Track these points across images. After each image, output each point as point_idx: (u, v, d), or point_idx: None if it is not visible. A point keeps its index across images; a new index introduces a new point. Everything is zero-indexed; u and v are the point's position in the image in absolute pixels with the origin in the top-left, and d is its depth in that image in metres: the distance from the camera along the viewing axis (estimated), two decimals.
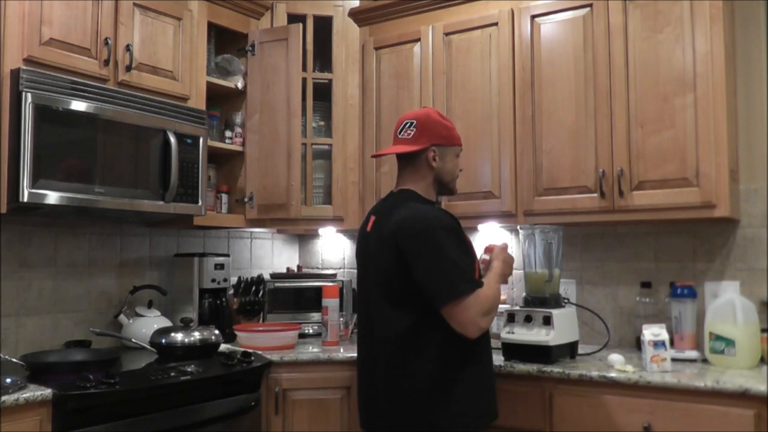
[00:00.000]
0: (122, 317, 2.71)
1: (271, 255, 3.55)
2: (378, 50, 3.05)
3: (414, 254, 1.86)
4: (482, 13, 2.77)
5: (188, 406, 2.19)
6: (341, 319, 2.89)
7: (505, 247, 2.09)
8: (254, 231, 3.43)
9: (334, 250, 3.54)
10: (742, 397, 1.90)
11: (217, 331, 2.60)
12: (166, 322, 2.73)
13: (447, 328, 1.85)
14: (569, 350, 2.36)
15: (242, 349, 2.53)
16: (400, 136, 2.05)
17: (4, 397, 1.78)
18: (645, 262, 2.67)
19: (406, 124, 2.04)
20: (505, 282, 2.05)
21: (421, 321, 1.88)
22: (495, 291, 1.92)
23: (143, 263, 2.92)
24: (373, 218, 2.05)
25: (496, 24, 2.71)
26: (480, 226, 2.93)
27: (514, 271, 2.91)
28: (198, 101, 2.76)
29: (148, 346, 2.50)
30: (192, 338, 2.49)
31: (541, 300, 2.38)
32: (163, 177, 2.50)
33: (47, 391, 1.87)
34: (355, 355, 2.54)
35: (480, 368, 1.95)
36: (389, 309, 1.92)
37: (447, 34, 2.85)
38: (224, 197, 3.07)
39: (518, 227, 2.55)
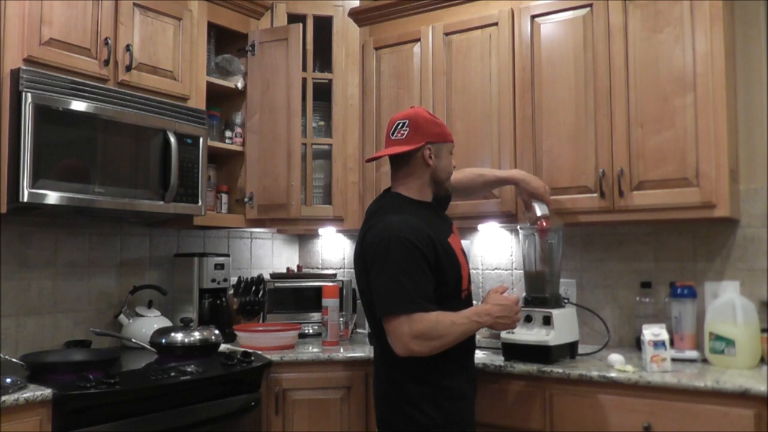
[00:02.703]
0: (122, 317, 2.71)
1: (271, 255, 3.55)
2: (378, 50, 3.05)
3: (369, 265, 1.88)
4: (482, 13, 2.77)
5: (188, 406, 2.19)
6: (341, 319, 2.89)
7: (500, 290, 2.05)
8: (254, 231, 3.43)
9: (334, 250, 3.54)
10: (742, 397, 1.90)
11: (217, 331, 2.60)
12: (166, 322, 2.73)
13: None
14: (569, 350, 2.36)
15: (242, 349, 2.53)
16: (393, 138, 2.03)
17: (4, 397, 1.78)
18: (645, 262, 2.67)
19: (399, 124, 2.02)
20: (491, 326, 1.98)
21: None
22: (453, 323, 1.84)
23: (143, 263, 2.92)
24: (365, 218, 2.08)
25: (496, 24, 2.71)
26: (480, 226, 2.93)
27: (513, 271, 2.96)
28: (198, 101, 2.76)
29: (148, 346, 2.50)
30: (192, 338, 2.49)
31: (541, 300, 2.38)
32: (163, 177, 2.50)
33: (47, 391, 1.87)
34: (355, 354, 2.57)
35: (452, 383, 1.92)
36: (373, 310, 1.94)
37: (447, 34, 2.85)
38: (224, 197, 3.07)
39: (518, 227, 2.55)
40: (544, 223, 2.37)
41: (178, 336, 2.49)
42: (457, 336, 1.86)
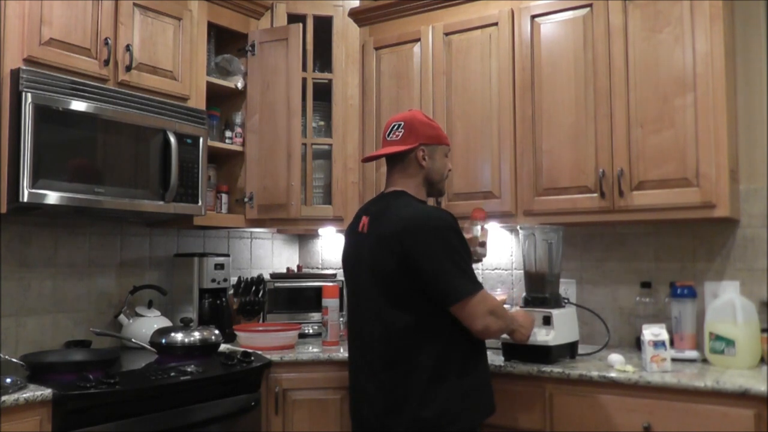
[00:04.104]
0: (122, 317, 2.71)
1: (271, 255, 3.55)
2: (378, 50, 3.05)
3: (422, 255, 1.86)
4: (482, 13, 2.77)
5: (188, 406, 2.19)
6: (341, 319, 2.88)
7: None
8: (254, 231, 3.43)
9: (334, 250, 3.54)
10: (742, 397, 1.90)
11: (217, 331, 2.60)
12: (166, 322, 2.73)
13: (446, 325, 1.89)
14: (569, 350, 2.36)
15: (242, 349, 2.53)
16: (388, 139, 2.08)
17: (4, 397, 1.78)
18: (645, 262, 2.67)
19: (394, 126, 2.07)
20: (512, 333, 2.12)
21: (421, 319, 1.89)
22: (504, 309, 2.02)
23: (143, 263, 2.92)
24: (365, 219, 2.05)
25: (496, 24, 2.72)
26: None
27: (513, 271, 2.96)
28: (198, 101, 2.76)
29: (148, 346, 2.50)
30: (192, 338, 2.49)
31: (541, 300, 2.38)
32: (163, 177, 2.50)
33: (47, 391, 1.87)
34: None
35: (478, 364, 1.98)
36: (389, 309, 1.92)
37: (447, 34, 2.85)
38: (224, 197, 3.07)
39: (518, 227, 2.56)
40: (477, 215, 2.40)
41: (178, 336, 2.49)
42: (507, 324, 2.01)
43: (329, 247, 3.56)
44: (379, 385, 1.94)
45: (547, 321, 2.30)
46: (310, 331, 3.03)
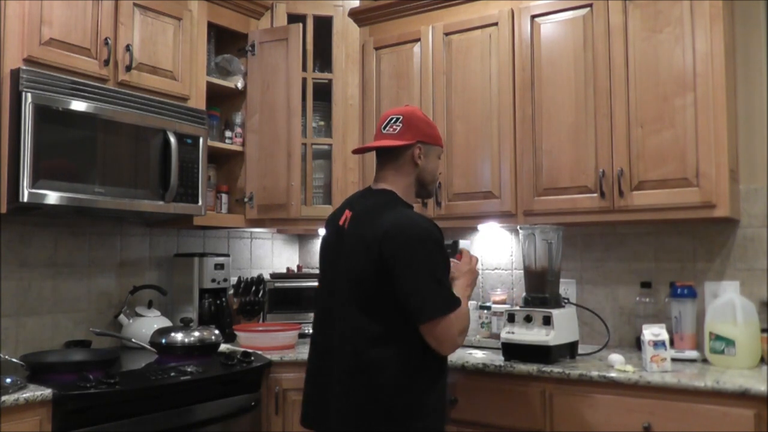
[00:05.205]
0: (122, 317, 2.71)
1: (271, 255, 3.55)
2: (378, 50, 3.05)
3: (400, 265, 1.75)
4: (482, 13, 2.77)
5: (188, 406, 2.19)
6: None
7: (473, 263, 2.01)
8: (254, 231, 3.43)
9: None
10: (742, 397, 1.90)
11: (217, 331, 2.60)
12: (166, 322, 2.73)
13: (416, 338, 1.77)
14: (569, 350, 2.36)
15: (242, 349, 2.53)
16: (384, 131, 1.95)
17: (4, 397, 1.78)
18: (645, 262, 2.67)
19: (392, 119, 1.95)
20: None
21: (391, 330, 1.78)
22: (467, 308, 1.86)
23: (143, 263, 2.92)
24: (348, 213, 1.93)
25: (496, 24, 2.71)
26: (480, 226, 2.93)
27: (513, 271, 2.96)
28: (198, 101, 2.76)
29: (148, 346, 2.50)
30: (192, 338, 2.49)
31: (541, 300, 2.38)
32: (163, 177, 2.50)
33: (47, 391, 1.87)
34: None
35: (443, 379, 1.88)
36: (359, 314, 1.80)
37: (447, 34, 2.85)
38: (224, 197, 3.07)
39: (518, 227, 2.55)
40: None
41: (178, 336, 2.49)
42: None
43: None
44: (341, 394, 1.81)
45: (547, 321, 2.30)
46: (310, 331, 3.02)
